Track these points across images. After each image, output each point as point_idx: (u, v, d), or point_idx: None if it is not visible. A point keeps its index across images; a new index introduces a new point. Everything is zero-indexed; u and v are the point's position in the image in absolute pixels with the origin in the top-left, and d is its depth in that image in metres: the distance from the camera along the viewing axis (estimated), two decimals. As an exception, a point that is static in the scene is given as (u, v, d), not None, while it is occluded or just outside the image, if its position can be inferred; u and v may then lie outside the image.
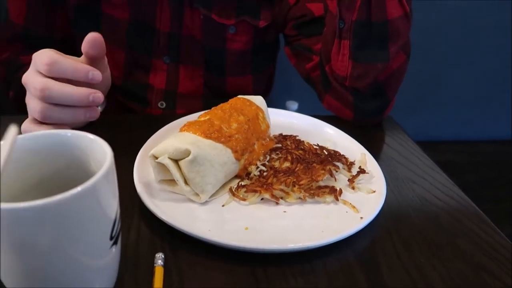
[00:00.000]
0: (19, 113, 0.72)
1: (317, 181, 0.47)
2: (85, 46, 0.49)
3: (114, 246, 0.32)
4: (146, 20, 0.71)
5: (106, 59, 0.55)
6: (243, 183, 0.48)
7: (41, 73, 0.48)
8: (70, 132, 0.33)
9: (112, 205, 0.31)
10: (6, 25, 0.73)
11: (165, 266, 0.38)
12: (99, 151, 0.32)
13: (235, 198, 0.46)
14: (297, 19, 0.71)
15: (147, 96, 0.75)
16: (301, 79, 0.76)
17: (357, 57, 0.58)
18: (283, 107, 0.85)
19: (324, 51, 0.63)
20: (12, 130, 0.24)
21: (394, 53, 0.58)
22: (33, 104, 0.49)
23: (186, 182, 0.45)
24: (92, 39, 0.49)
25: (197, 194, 0.45)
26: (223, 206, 0.45)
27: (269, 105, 0.59)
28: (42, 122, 0.50)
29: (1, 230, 0.27)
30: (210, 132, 0.46)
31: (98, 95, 0.48)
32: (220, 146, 0.46)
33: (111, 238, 0.32)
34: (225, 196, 0.47)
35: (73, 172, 0.35)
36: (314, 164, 0.49)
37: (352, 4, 0.56)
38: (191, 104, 0.75)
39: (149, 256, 0.39)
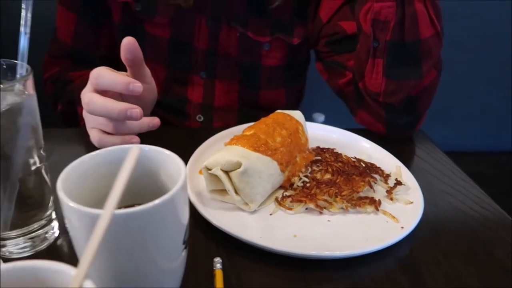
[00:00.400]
0: (66, 125, 0.77)
1: (358, 192, 0.50)
2: (122, 52, 0.53)
3: (184, 250, 0.36)
4: (185, 38, 0.76)
5: (149, 71, 0.59)
6: (287, 194, 0.51)
7: (93, 88, 0.54)
8: (147, 147, 0.37)
9: (185, 213, 0.35)
10: (55, 43, 0.78)
11: (222, 269, 0.41)
12: (172, 165, 0.36)
13: (281, 207, 0.49)
14: (329, 37, 0.74)
15: (186, 110, 0.79)
16: (326, 92, 0.78)
17: (390, 74, 0.61)
18: (309, 119, 0.88)
19: (357, 68, 0.66)
20: (135, 148, 0.28)
21: (426, 71, 0.61)
22: (102, 118, 0.54)
23: (236, 192, 0.48)
24: (127, 43, 0.53)
25: (246, 203, 0.48)
26: (270, 214, 0.49)
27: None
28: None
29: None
30: (258, 146, 0.50)
31: (136, 111, 0.52)
32: (267, 159, 0.50)
33: (183, 242, 0.35)
34: (272, 205, 0.50)
35: (144, 182, 0.39)
36: (354, 176, 0.52)
37: (386, 25, 0.59)
38: (227, 117, 0.79)
39: (207, 260, 0.42)
